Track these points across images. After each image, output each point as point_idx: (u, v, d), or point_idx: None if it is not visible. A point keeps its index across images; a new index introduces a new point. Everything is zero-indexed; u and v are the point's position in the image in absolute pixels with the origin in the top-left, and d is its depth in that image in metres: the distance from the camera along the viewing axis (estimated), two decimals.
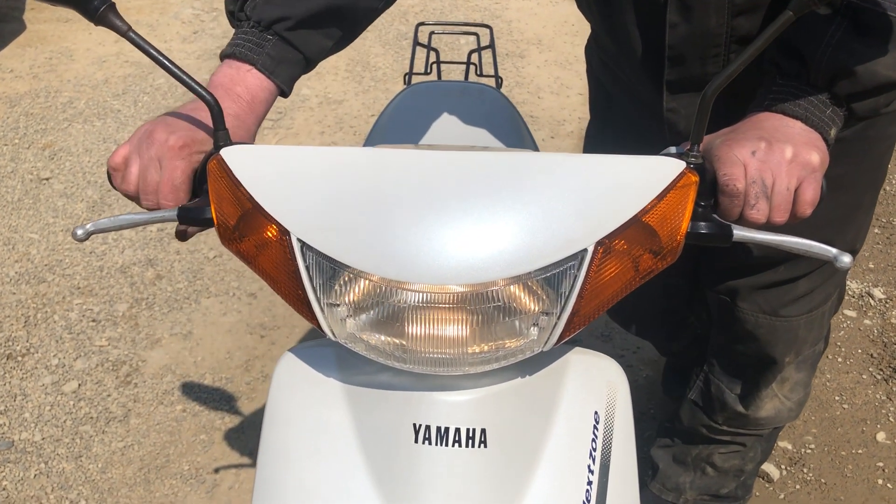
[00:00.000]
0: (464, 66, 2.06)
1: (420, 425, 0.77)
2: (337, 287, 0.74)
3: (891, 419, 2.02)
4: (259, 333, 2.36)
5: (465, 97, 1.69)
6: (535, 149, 1.61)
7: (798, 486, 1.87)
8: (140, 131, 0.89)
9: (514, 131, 1.59)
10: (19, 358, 2.28)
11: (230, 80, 0.96)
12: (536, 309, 0.74)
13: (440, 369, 0.75)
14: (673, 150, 0.82)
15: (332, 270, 0.73)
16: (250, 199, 0.76)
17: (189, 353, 2.30)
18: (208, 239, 2.72)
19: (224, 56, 0.99)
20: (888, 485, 1.86)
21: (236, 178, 0.77)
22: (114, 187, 0.90)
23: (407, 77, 1.96)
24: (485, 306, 0.72)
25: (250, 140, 0.95)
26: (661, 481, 1.73)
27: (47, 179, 3.07)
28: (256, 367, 2.25)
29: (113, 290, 2.54)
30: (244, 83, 0.96)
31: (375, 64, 3.98)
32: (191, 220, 0.83)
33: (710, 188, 0.81)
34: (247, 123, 0.95)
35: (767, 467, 1.88)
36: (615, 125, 1.43)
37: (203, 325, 2.40)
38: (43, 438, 2.04)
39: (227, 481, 1.92)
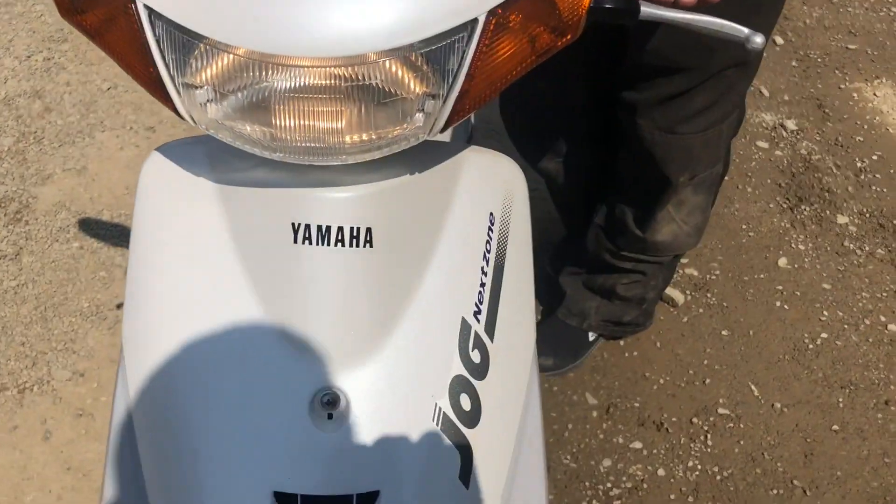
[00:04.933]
0: None
1: (299, 224, 0.71)
2: (193, 62, 0.64)
3: (793, 245, 2.07)
4: None
5: None
6: None
7: (701, 310, 1.92)
8: None
9: None
10: None
11: None
12: (421, 91, 0.66)
13: (315, 158, 0.68)
14: None
15: (185, 42, 0.63)
16: None
17: (84, 189, 2.17)
18: (101, 69, 2.52)
19: None
20: (785, 306, 1.93)
21: None
22: None
23: None
24: (362, 84, 0.64)
25: None
26: (567, 306, 1.76)
27: None
28: None
29: None
30: None
31: None
32: None
33: None
34: None
35: (672, 292, 1.92)
36: None
37: (98, 160, 2.25)
38: None
39: None
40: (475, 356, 0.75)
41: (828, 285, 1.98)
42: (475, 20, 0.63)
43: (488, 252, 0.79)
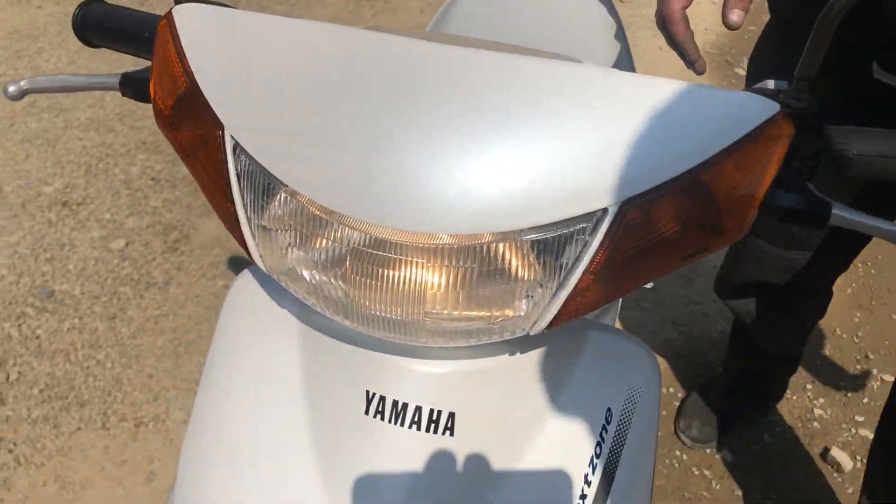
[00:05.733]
0: None
1: (373, 394, 0.61)
2: (272, 208, 0.56)
3: None
4: None
5: None
6: (630, 68, 1.35)
7: None
8: None
9: (606, 43, 1.33)
10: (74, 206, 2.24)
11: None
12: (529, 276, 0.54)
13: (390, 334, 0.57)
14: (770, 84, 0.59)
15: (266, 184, 0.55)
16: (190, 75, 0.58)
17: None
18: None
19: None
20: None
21: (181, 48, 0.59)
22: None
23: None
24: (457, 266, 0.53)
25: None
26: None
27: None
28: None
29: None
30: None
31: None
32: (133, 91, 0.67)
33: (816, 146, 0.58)
34: None
35: (840, 455, 1.66)
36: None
37: None
38: (82, 293, 2.00)
39: None
40: None
41: None
42: (604, 210, 0.51)
43: (597, 456, 0.65)
